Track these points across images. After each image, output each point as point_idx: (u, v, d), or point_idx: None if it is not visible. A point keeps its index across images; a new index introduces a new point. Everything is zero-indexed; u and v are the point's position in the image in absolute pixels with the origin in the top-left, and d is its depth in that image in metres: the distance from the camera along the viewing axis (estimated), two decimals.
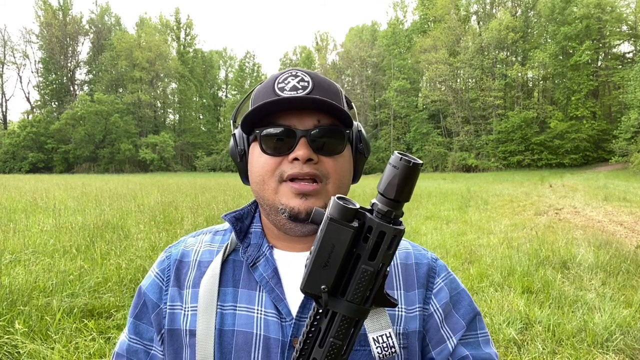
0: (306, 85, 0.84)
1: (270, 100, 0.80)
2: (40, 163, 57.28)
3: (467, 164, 48.09)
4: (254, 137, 0.86)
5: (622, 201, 13.93)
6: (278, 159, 0.83)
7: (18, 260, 5.13)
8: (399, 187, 0.56)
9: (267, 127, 0.83)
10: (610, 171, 34.54)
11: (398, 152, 0.57)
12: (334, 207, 0.58)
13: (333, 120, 0.84)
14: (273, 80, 0.86)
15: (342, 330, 0.60)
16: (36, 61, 72.37)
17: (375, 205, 0.58)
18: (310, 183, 0.82)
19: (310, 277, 0.59)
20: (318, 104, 0.81)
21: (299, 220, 0.83)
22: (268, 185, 0.84)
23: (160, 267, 0.94)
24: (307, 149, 0.81)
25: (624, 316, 4.06)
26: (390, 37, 61.87)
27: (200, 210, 9.83)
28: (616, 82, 45.78)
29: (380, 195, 0.58)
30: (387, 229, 0.57)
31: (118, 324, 3.79)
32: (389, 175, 0.57)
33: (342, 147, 0.86)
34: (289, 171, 0.82)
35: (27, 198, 12.29)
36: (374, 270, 0.59)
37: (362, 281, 0.59)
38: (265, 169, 0.84)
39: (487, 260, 6.30)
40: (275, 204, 0.84)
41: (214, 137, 69.42)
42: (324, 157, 0.83)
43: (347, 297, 0.60)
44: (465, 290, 0.94)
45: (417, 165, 0.56)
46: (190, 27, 74.10)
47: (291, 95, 0.82)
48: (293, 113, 0.82)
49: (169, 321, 0.88)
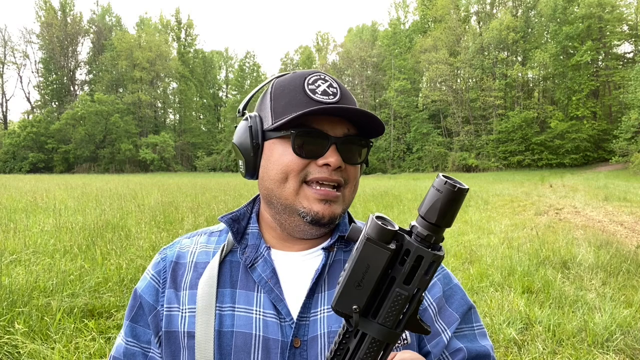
0: (335, 92, 0.85)
1: (322, 108, 0.80)
2: (40, 163, 57.31)
3: (468, 164, 48.07)
4: (281, 134, 0.84)
5: (623, 201, 13.92)
6: (306, 161, 0.83)
7: (18, 260, 5.13)
8: (441, 211, 0.54)
9: (301, 127, 0.82)
10: (610, 171, 34.53)
11: (443, 175, 0.55)
12: (372, 226, 0.56)
13: (357, 131, 0.86)
14: (301, 79, 0.86)
15: (371, 353, 0.59)
16: (36, 61, 72.42)
17: (415, 228, 0.56)
18: (334, 189, 0.84)
19: (343, 296, 0.58)
20: (361, 118, 0.84)
21: (321, 224, 0.84)
22: (289, 184, 0.84)
23: (155, 269, 0.93)
24: (338, 156, 0.82)
25: (625, 316, 4.06)
26: (391, 37, 61.85)
27: (201, 210, 9.84)
28: (617, 82, 45.77)
29: (420, 218, 0.56)
30: (426, 253, 0.55)
31: (118, 324, 3.78)
32: (432, 198, 0.54)
33: (363, 156, 0.88)
34: (316, 174, 0.82)
35: (28, 198, 12.30)
36: (408, 294, 0.57)
37: (395, 305, 0.57)
38: (290, 168, 0.83)
39: (488, 260, 6.29)
40: (294, 205, 0.84)
41: (214, 137, 69.42)
42: (348, 166, 0.85)
43: (379, 319, 0.58)
44: (459, 284, 0.95)
45: (463, 190, 0.53)
46: (190, 27, 74.14)
47: (338, 105, 0.83)
48: (326, 118, 0.84)
49: (166, 323, 0.87)
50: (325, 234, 0.91)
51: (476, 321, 0.93)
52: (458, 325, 0.90)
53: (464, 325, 0.91)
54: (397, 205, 12.74)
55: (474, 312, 0.93)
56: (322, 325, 0.83)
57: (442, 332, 0.88)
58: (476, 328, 0.92)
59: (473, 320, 0.92)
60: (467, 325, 0.91)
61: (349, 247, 0.91)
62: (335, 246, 0.90)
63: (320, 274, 0.86)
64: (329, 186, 0.83)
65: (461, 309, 0.91)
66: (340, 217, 0.87)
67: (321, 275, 0.86)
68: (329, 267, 0.88)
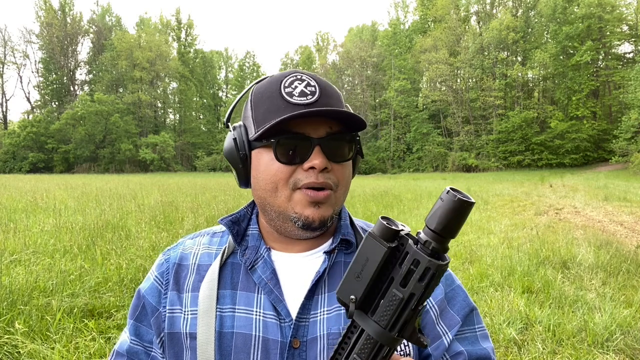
0: (314, 91, 0.83)
1: (298, 113, 0.78)
2: (40, 163, 57.30)
3: (467, 163, 48.08)
4: (264, 143, 0.83)
5: (623, 201, 13.92)
6: (292, 167, 0.82)
7: (18, 260, 5.12)
8: (442, 220, 0.56)
9: (281, 135, 0.81)
10: (610, 171, 34.53)
11: (451, 188, 0.57)
12: (377, 225, 0.60)
13: (341, 126, 0.84)
14: (277, 83, 0.84)
15: (365, 349, 0.61)
16: (36, 61, 72.50)
17: (419, 234, 0.59)
18: (324, 191, 0.83)
19: (344, 285, 0.62)
20: (338, 114, 0.81)
21: (312, 228, 0.84)
22: (281, 193, 0.83)
23: (159, 271, 0.94)
24: (323, 157, 0.81)
25: (624, 316, 4.06)
26: (391, 37, 61.87)
27: (201, 210, 9.83)
28: (617, 82, 45.78)
29: (425, 226, 0.58)
30: (422, 258, 0.57)
31: (118, 324, 3.79)
32: (436, 208, 0.57)
33: (351, 152, 0.86)
34: (305, 180, 0.81)
35: (28, 198, 12.30)
36: (402, 297, 0.59)
37: (390, 304, 0.60)
38: (278, 177, 0.82)
39: (487, 260, 6.29)
40: (287, 211, 0.83)
41: (214, 137, 69.42)
42: (334, 164, 0.84)
43: (375, 317, 0.61)
44: (461, 286, 0.94)
45: (464, 202, 0.55)
46: (191, 27, 74.14)
47: (310, 109, 0.80)
48: (306, 120, 0.82)
49: (168, 325, 0.88)
50: (323, 234, 0.91)
51: (478, 323, 0.92)
52: (460, 327, 0.89)
53: (465, 327, 0.90)
54: (397, 205, 12.74)
55: (475, 314, 0.93)
56: (321, 326, 0.83)
57: (444, 335, 0.88)
58: (478, 330, 0.91)
59: (475, 322, 0.92)
60: (469, 328, 0.91)
61: (350, 249, 0.90)
62: (336, 249, 0.89)
63: (321, 276, 0.86)
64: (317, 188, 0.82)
65: (463, 311, 0.91)
66: (331, 219, 0.85)
67: (321, 277, 0.86)
68: (329, 269, 0.88)
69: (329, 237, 0.92)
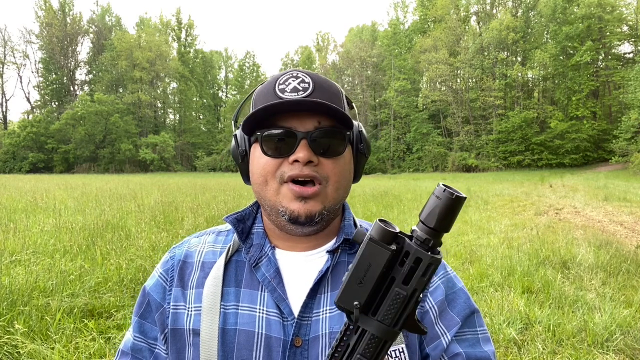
0: (307, 87, 0.84)
1: (271, 104, 0.81)
2: (40, 163, 57.30)
3: (467, 164, 48.08)
4: (255, 138, 0.87)
5: (622, 201, 13.92)
6: (279, 160, 0.83)
7: (18, 261, 5.12)
8: (439, 217, 0.58)
9: (268, 129, 0.83)
10: (610, 171, 34.53)
11: (443, 184, 0.59)
12: (375, 228, 0.61)
13: (333, 122, 0.85)
14: (274, 81, 0.87)
15: (369, 349, 0.62)
16: (36, 61, 72.50)
17: (415, 232, 0.61)
18: (311, 185, 0.83)
19: (345, 292, 0.62)
20: (318, 107, 0.82)
21: (299, 223, 0.84)
22: (270, 186, 0.85)
23: (164, 268, 0.95)
24: (307, 150, 0.81)
25: (624, 316, 4.06)
26: (391, 38, 61.87)
27: (201, 210, 9.83)
28: (616, 82, 45.77)
29: (421, 223, 0.60)
30: (424, 255, 0.59)
31: (118, 324, 3.79)
32: (431, 205, 0.59)
33: (342, 148, 0.86)
34: (289, 172, 0.82)
35: (28, 198, 12.29)
36: (406, 294, 0.61)
37: (394, 303, 0.61)
38: (266, 170, 0.84)
39: (487, 260, 6.29)
40: (276, 205, 0.85)
41: (214, 137, 69.43)
42: (324, 159, 0.84)
43: (378, 317, 0.62)
44: (464, 289, 0.94)
45: (460, 198, 0.58)
46: (191, 27, 74.14)
47: (292, 98, 0.82)
48: (294, 115, 0.83)
49: (172, 321, 0.89)
50: (327, 233, 0.91)
51: (480, 325, 0.92)
52: (459, 329, 0.89)
53: (466, 329, 0.90)
54: (397, 205, 12.74)
55: (477, 316, 0.92)
56: (324, 325, 0.83)
57: (442, 336, 0.88)
58: (479, 332, 0.91)
59: (476, 324, 0.91)
60: (470, 330, 0.90)
61: (353, 249, 0.91)
62: (340, 248, 0.90)
63: (324, 275, 0.87)
64: (306, 183, 0.83)
65: (463, 312, 0.90)
66: (321, 215, 0.84)
67: (324, 276, 0.87)
68: (332, 269, 0.88)
69: (333, 237, 0.93)
